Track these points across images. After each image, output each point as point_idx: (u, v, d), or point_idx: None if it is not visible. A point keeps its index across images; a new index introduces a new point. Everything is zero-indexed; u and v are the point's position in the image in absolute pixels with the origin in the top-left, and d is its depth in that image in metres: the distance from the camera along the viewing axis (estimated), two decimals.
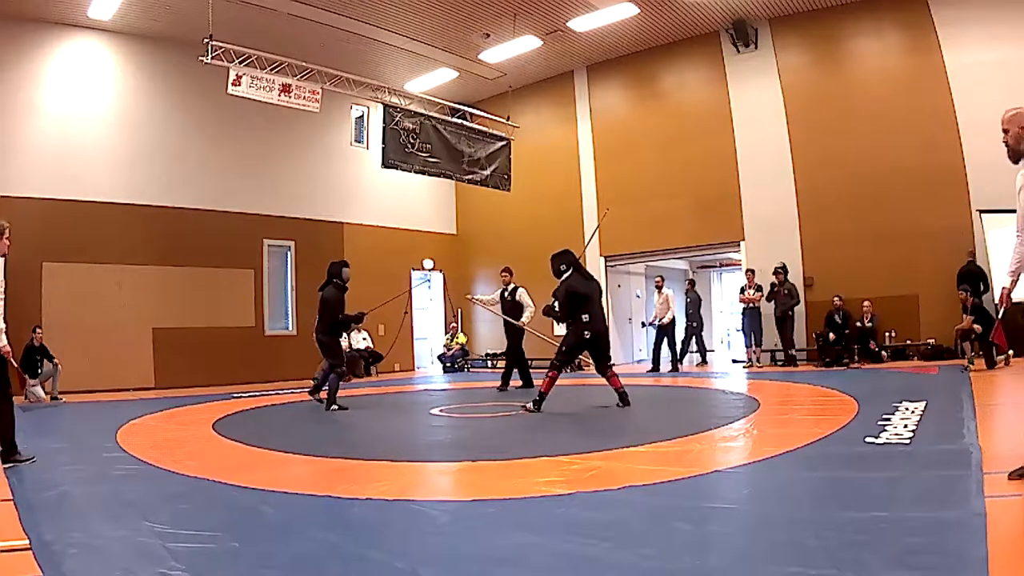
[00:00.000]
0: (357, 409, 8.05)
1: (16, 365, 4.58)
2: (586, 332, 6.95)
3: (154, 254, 12.22)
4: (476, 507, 3.41)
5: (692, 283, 14.14)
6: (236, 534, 2.99)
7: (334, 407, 7.60)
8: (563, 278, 7.10)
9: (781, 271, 11.87)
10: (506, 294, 9.86)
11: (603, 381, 7.40)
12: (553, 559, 2.61)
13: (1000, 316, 5.14)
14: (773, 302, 11.93)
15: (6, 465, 4.49)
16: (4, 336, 4.63)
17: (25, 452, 4.68)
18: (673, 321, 12.47)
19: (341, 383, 7.92)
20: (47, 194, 11.18)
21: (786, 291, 11.81)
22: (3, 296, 4.73)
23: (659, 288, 12.67)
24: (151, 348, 12.11)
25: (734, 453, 4.62)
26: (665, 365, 12.42)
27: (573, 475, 3.98)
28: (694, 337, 13.52)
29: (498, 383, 9.96)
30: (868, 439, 4.48)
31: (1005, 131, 3.73)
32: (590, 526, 3.02)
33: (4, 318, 4.66)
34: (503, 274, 10.02)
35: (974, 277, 10.38)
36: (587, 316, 6.93)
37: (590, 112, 15.16)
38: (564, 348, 7.14)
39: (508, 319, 9.70)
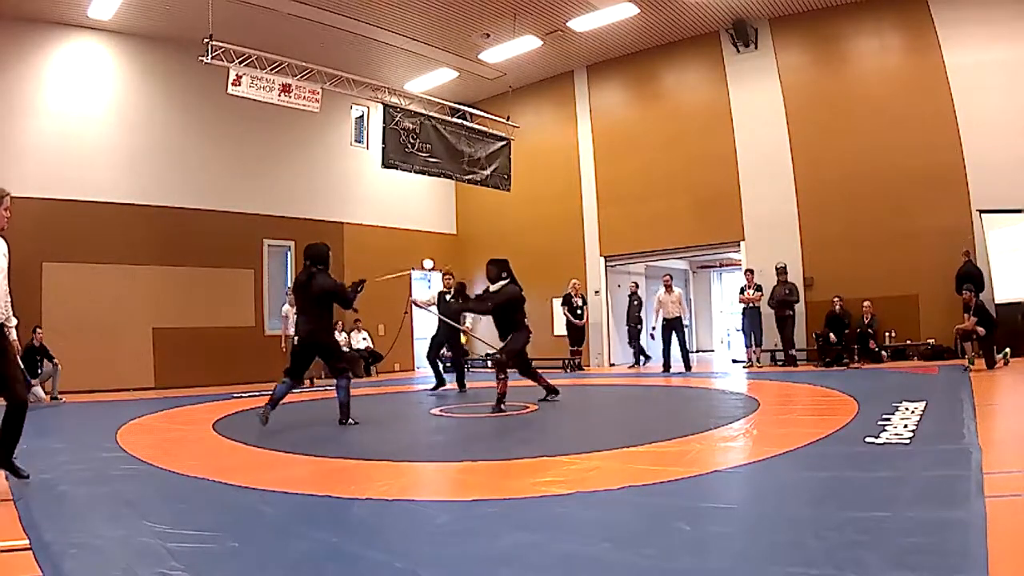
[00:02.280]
0: (357, 409, 8.04)
1: (21, 367, 3.93)
2: (529, 335, 7.73)
3: (154, 254, 12.22)
4: (476, 507, 3.41)
5: (636, 285, 14.20)
6: (236, 534, 2.99)
7: (351, 421, 6.41)
8: (501, 284, 7.61)
9: (783, 270, 11.89)
10: (448, 297, 9.87)
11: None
12: (553, 559, 2.61)
13: None
14: (775, 301, 11.92)
15: None
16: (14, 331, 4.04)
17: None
18: (680, 319, 12.41)
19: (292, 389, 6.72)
20: (47, 194, 11.18)
21: (787, 291, 11.80)
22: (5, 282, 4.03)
23: (668, 287, 12.61)
24: (151, 348, 12.11)
25: (734, 453, 4.62)
26: (674, 364, 12.38)
27: (573, 475, 3.98)
28: (635, 339, 13.93)
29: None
30: (868, 439, 4.48)
31: None
32: (590, 526, 3.02)
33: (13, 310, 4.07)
34: (446, 277, 10.20)
35: (973, 278, 10.39)
36: (526, 320, 7.68)
37: (590, 112, 15.16)
38: (516, 348, 7.59)
39: (448, 321, 9.57)
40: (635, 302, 14.03)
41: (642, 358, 13.98)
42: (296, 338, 6.57)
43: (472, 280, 17.10)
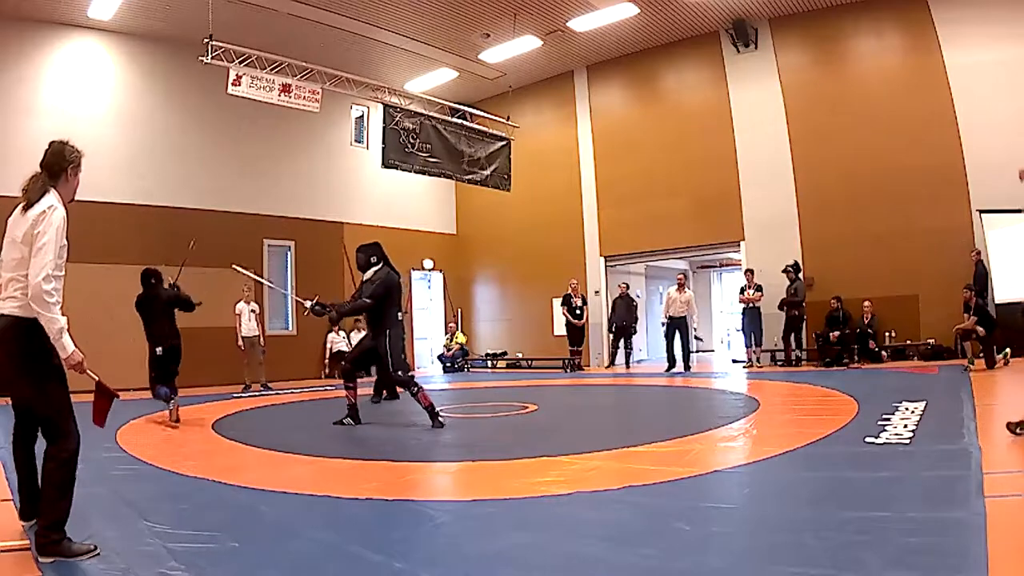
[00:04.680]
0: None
1: (97, 378, 3.21)
2: (403, 333, 6.55)
3: (154, 254, 12.19)
4: (476, 507, 3.41)
5: (627, 285, 14.11)
6: (236, 534, 2.99)
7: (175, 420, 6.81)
8: (373, 271, 6.48)
9: (792, 269, 11.82)
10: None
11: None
12: (553, 559, 2.61)
13: None
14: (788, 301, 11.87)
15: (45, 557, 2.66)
16: (68, 336, 2.98)
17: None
18: (684, 319, 12.38)
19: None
20: None
21: (793, 290, 11.77)
22: (61, 273, 3.07)
23: (681, 286, 12.55)
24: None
25: (734, 453, 4.62)
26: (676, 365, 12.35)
27: (573, 475, 3.98)
28: (623, 339, 13.81)
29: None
30: (868, 439, 4.48)
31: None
32: (590, 526, 3.03)
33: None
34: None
35: (981, 278, 10.40)
36: (400, 316, 6.46)
37: (590, 112, 15.15)
38: (403, 356, 6.44)
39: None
40: (624, 303, 13.81)
41: (620, 357, 13.94)
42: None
43: (472, 280, 17.14)
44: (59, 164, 3.08)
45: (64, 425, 2.83)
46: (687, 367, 12.20)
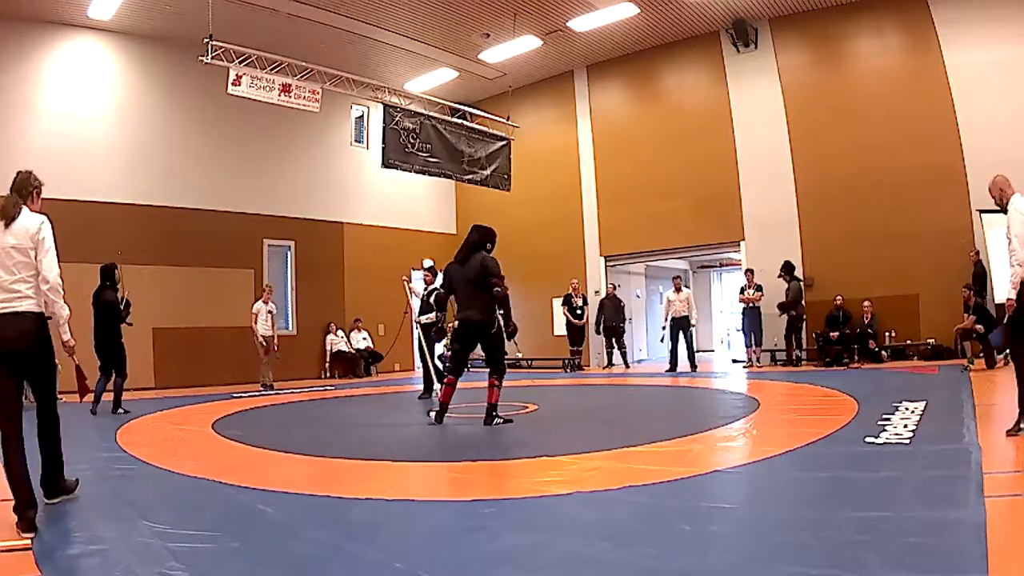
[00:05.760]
0: (357, 409, 8.04)
1: (78, 363, 4.03)
2: (455, 322, 6.37)
3: (154, 254, 12.21)
4: (476, 507, 3.41)
5: (614, 286, 14.18)
6: (236, 534, 2.99)
7: (121, 410, 7.92)
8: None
9: (784, 271, 11.80)
10: (425, 295, 9.11)
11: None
12: (553, 559, 2.62)
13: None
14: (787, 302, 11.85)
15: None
16: (67, 327, 3.66)
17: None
18: (687, 319, 12.38)
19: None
20: (47, 194, 10.86)
21: (787, 291, 11.74)
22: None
23: (677, 287, 12.57)
24: (151, 348, 12.09)
25: (734, 453, 4.63)
26: (682, 364, 12.33)
27: (573, 475, 3.98)
28: (615, 340, 13.89)
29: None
30: (868, 439, 4.48)
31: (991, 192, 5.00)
32: (590, 526, 3.03)
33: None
34: (427, 274, 9.30)
35: (980, 278, 10.40)
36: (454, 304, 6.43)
37: (590, 112, 15.15)
38: (446, 348, 6.59)
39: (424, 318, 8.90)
40: (612, 304, 13.88)
41: (618, 357, 13.95)
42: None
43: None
44: (27, 188, 3.57)
45: (55, 396, 3.75)
46: (693, 367, 12.18)
